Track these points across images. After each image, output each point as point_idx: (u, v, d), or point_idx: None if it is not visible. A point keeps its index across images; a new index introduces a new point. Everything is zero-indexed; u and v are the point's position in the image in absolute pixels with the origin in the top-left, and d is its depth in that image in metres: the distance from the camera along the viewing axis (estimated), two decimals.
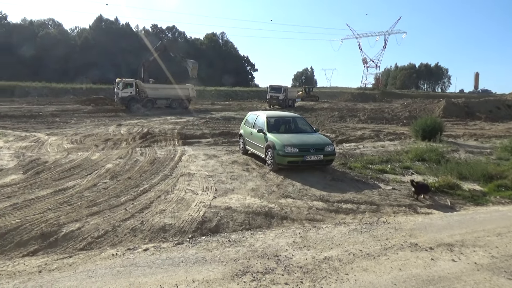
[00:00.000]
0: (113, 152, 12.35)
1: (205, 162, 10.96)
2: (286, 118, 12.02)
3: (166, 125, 21.87)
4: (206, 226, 6.28)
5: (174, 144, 15.23)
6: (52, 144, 14.15)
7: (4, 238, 5.57)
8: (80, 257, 4.97)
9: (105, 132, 18.20)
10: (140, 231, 5.99)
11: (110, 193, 7.74)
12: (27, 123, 21.38)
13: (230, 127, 21.47)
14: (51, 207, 6.77)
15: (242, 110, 35.50)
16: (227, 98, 58.00)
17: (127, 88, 32.18)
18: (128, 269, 4.49)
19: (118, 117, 26.71)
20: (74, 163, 10.23)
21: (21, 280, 4.26)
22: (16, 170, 9.48)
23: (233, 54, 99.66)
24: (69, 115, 26.69)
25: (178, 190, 8.08)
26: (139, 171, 9.63)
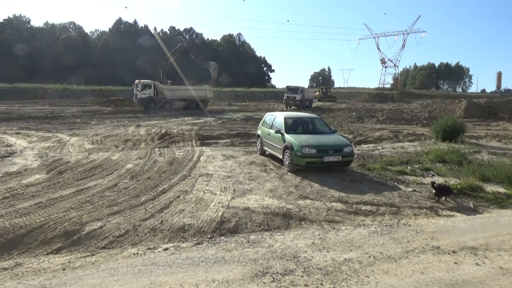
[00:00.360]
0: (132, 152, 12.54)
1: (223, 163, 11.02)
2: (304, 118, 11.97)
3: (183, 126, 22.07)
4: (225, 227, 6.31)
5: (192, 144, 15.35)
6: (73, 144, 14.45)
7: (29, 236, 5.72)
8: (103, 255, 5.07)
9: (125, 133, 18.47)
10: (160, 230, 6.06)
11: (130, 193, 7.86)
12: (49, 124, 21.90)
13: (247, 128, 21.52)
14: (74, 206, 6.92)
15: (259, 111, 35.56)
16: (244, 99, 58.19)
17: (146, 90, 32.65)
18: (149, 268, 4.54)
19: (137, 118, 27.09)
20: (95, 163, 10.43)
21: (46, 277, 4.36)
22: (40, 170, 9.73)
23: (250, 55, 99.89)
24: (89, 116, 27.22)
25: (196, 191, 8.14)
26: (158, 171, 9.75)
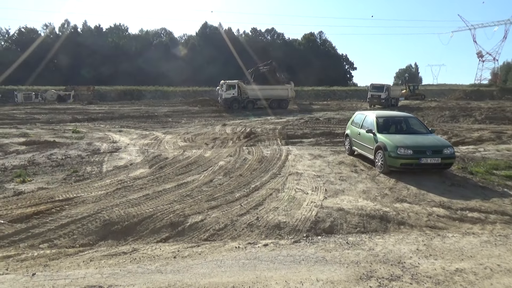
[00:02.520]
0: (222, 150, 13.06)
1: (311, 162, 10.96)
2: (397, 117, 11.39)
3: (267, 125, 22.41)
4: (320, 226, 6.27)
5: (277, 143, 15.51)
6: (168, 142, 15.52)
7: (141, 224, 6.27)
8: (207, 247, 5.35)
9: (212, 132, 19.33)
10: (256, 226, 6.22)
11: (225, 189, 8.19)
12: (145, 123, 23.82)
13: (331, 127, 21.13)
14: (176, 199, 7.42)
15: (342, 110, 34.73)
16: (325, 98, 57.30)
17: (230, 90, 33.85)
18: (252, 262, 4.69)
19: (222, 117, 28.20)
20: (190, 160, 11.08)
21: (161, 263, 4.73)
22: (143, 164, 10.62)
23: (331, 53, 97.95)
24: (179, 115, 29.02)
25: (288, 189, 8.21)
26: (249, 169, 10.03)
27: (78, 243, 5.73)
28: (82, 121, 24.31)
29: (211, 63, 69.99)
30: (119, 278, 4.28)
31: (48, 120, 24.46)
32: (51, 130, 19.48)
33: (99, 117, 26.83)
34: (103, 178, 9.16)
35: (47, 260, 4.97)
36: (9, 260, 4.99)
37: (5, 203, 7.16)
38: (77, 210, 6.76)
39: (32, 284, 4.17)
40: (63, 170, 10.03)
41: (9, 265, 4.85)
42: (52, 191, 7.99)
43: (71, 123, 22.93)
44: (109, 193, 7.81)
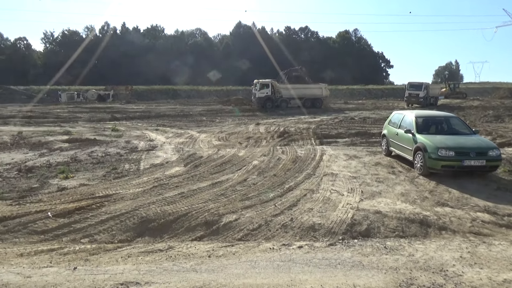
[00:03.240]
0: (256, 149, 13.07)
1: (346, 163, 10.74)
2: (437, 117, 10.95)
3: (300, 124, 22.21)
4: (356, 229, 6.11)
5: (311, 143, 15.32)
6: (203, 140, 15.71)
7: (176, 222, 6.36)
8: (241, 247, 5.34)
9: (246, 131, 19.39)
10: (290, 227, 6.15)
11: (259, 189, 8.17)
12: (180, 122, 24.27)
13: (366, 127, 20.64)
14: (211, 198, 7.48)
15: (377, 109, 33.88)
16: (360, 97, 56.11)
17: (264, 89, 33.84)
18: (287, 265, 4.63)
19: (256, 117, 28.24)
20: (225, 159, 11.15)
21: (195, 262, 4.77)
22: (178, 162, 10.80)
23: (367, 51, 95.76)
24: (213, 114, 29.35)
25: (323, 190, 8.08)
26: (283, 168, 9.96)
27: (116, 239, 5.90)
28: (121, 120, 25.12)
29: (245, 63, 70.36)
30: (155, 275, 4.35)
31: (89, 118, 25.45)
32: (92, 128, 20.26)
33: (137, 115, 27.61)
34: (140, 175, 9.40)
35: (87, 255, 5.14)
36: (53, 253, 5.20)
37: (49, 198, 7.50)
38: (116, 206, 6.96)
39: (74, 278, 4.31)
40: (103, 167, 10.38)
41: (53, 258, 5.05)
42: (93, 188, 8.28)
43: (111, 122, 23.75)
44: (146, 190, 8.00)
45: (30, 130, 18.59)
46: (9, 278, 4.30)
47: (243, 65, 69.06)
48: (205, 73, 68.16)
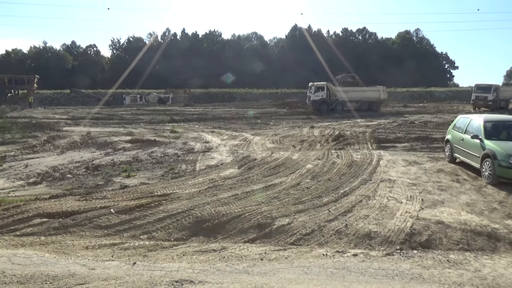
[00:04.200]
0: (310, 153, 12.91)
1: (405, 169, 10.25)
2: (509, 122, 10.10)
3: (356, 128, 21.61)
4: (416, 239, 5.79)
5: (368, 147, 14.82)
6: (257, 143, 15.83)
7: (229, 223, 6.45)
8: (293, 251, 5.29)
9: (300, 134, 19.23)
10: (345, 234, 5.98)
11: (313, 193, 8.05)
12: (235, 124, 24.67)
13: (428, 132, 19.56)
14: (264, 200, 7.50)
15: (440, 112, 32.00)
16: (421, 99, 53.40)
17: (319, 92, 33.40)
18: (341, 272, 4.50)
19: (310, 120, 27.93)
20: (278, 162, 11.14)
21: (248, 264, 4.80)
22: (233, 164, 10.97)
23: (429, 51, 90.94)
24: (268, 117, 29.49)
25: (379, 197, 7.77)
26: (337, 173, 9.74)
27: (173, 237, 6.11)
28: (179, 122, 26.09)
29: (300, 65, 69.98)
30: (208, 275, 4.43)
31: (150, 120, 26.74)
32: (152, 129, 21.26)
33: (194, 118, 28.53)
34: (196, 176, 9.68)
35: (145, 251, 5.38)
36: (115, 248, 5.50)
37: (113, 195, 7.96)
38: (172, 205, 7.22)
39: (133, 272, 4.52)
40: (161, 167, 10.84)
41: (114, 252, 5.34)
42: (152, 187, 8.66)
43: (169, 124, 24.76)
44: (201, 191, 8.21)
45: (97, 131, 19.94)
46: (76, 269, 4.61)
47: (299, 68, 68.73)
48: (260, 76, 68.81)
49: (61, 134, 18.52)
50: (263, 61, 76.53)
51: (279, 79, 66.95)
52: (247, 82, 63.47)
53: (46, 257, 5.06)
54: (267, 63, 76.64)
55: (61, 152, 13.80)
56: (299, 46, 78.03)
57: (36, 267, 4.67)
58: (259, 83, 62.92)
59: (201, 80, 64.89)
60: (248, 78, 67.97)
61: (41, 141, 16.19)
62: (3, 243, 5.70)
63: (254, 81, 64.35)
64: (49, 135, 17.81)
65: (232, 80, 66.70)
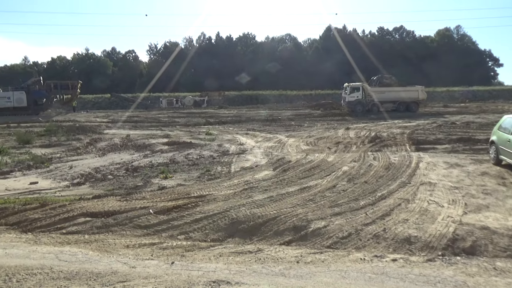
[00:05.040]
0: (346, 155, 12.70)
1: (447, 171, 9.86)
2: None
3: (394, 129, 21.04)
4: (459, 245, 5.55)
5: (406, 149, 14.38)
6: (291, 145, 15.77)
7: (265, 225, 6.46)
8: (330, 255, 5.22)
9: (335, 135, 18.97)
10: (383, 238, 5.83)
11: (349, 196, 7.91)
12: (269, 126, 24.72)
13: (470, 133, 18.71)
14: (299, 203, 7.46)
15: (483, 112, 30.53)
16: (463, 99, 51.19)
17: (354, 93, 32.85)
18: (380, 278, 4.39)
19: (345, 121, 27.51)
20: (313, 164, 11.04)
21: (284, 266, 4.78)
22: (267, 166, 10.99)
23: (471, 49, 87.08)
24: (302, 119, 29.33)
25: (419, 200, 7.51)
26: (374, 175, 9.52)
27: (209, 237, 6.20)
28: (214, 124, 26.49)
29: (334, 66, 69.10)
30: (245, 276, 4.46)
31: (186, 123, 27.34)
32: (188, 132, 21.72)
33: (228, 120, 28.86)
34: (231, 178, 9.78)
35: (183, 251, 5.49)
36: (154, 247, 5.66)
37: (151, 196, 8.20)
38: (209, 206, 7.33)
39: (171, 272, 4.63)
40: (197, 169, 11.04)
41: (154, 251, 5.49)
42: (189, 188, 8.84)
43: (205, 126, 25.20)
44: (237, 192, 8.28)
45: (136, 133, 20.63)
46: (118, 266, 4.78)
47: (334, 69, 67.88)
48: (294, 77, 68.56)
49: (102, 137, 19.31)
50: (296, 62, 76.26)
51: (313, 80, 66.38)
52: (281, 84, 63.42)
53: (90, 254, 5.29)
54: (301, 64, 76.28)
55: (102, 154, 14.38)
56: (333, 46, 76.99)
57: (81, 264, 4.89)
58: (293, 85, 62.70)
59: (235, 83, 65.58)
60: (282, 80, 67.92)
61: (84, 143, 16.95)
62: (51, 240, 6.01)
63: (288, 83, 64.19)
64: (91, 138, 18.62)
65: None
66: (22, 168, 11.68)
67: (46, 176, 10.79)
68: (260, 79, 69.38)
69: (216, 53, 79.39)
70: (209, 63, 75.50)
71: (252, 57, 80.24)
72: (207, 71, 73.57)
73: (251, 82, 66.52)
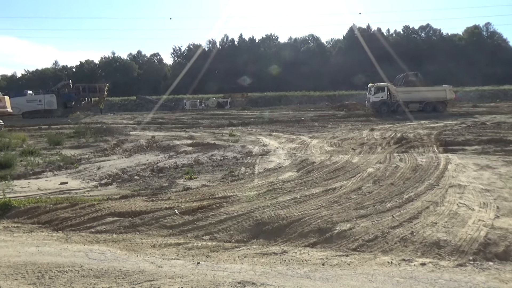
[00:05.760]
0: (371, 156, 12.50)
1: (477, 174, 9.55)
2: None
3: (420, 130, 20.57)
4: (491, 250, 5.35)
5: (433, 150, 14.01)
6: (315, 146, 15.66)
7: (289, 227, 6.43)
8: (356, 257, 5.14)
9: (359, 136, 18.72)
10: (410, 242, 5.69)
11: (375, 198, 7.77)
12: (293, 127, 24.65)
13: (502, 133, 18.05)
14: (324, 204, 7.38)
15: None
16: (493, 99, 49.51)
17: (379, 93, 32.38)
18: (408, 282, 4.29)
19: (370, 122, 27.10)
20: (338, 165, 10.92)
21: (309, 269, 4.75)
22: (291, 168, 10.95)
23: (502, 46, 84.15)
24: (325, 120, 29.09)
25: (448, 203, 7.30)
26: (401, 177, 9.32)
27: (234, 238, 6.22)
28: (237, 125, 26.63)
29: (358, 66, 68.22)
30: (270, 278, 4.45)
31: (209, 124, 27.60)
32: (211, 133, 21.91)
33: (251, 121, 28.95)
34: (255, 179, 9.79)
35: (208, 251, 5.53)
36: (179, 247, 5.73)
37: (176, 197, 8.31)
38: (233, 207, 7.36)
39: (197, 272, 4.67)
40: (221, 170, 11.12)
41: (179, 251, 5.56)
42: (213, 189, 8.91)
43: (228, 127, 25.36)
44: (261, 194, 8.28)
45: (160, 135, 20.98)
46: (145, 266, 4.87)
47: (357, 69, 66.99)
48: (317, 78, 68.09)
49: (128, 138, 19.73)
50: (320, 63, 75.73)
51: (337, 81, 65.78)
52: (304, 85, 63.13)
53: (118, 253, 5.41)
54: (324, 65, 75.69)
55: (128, 155, 14.70)
56: (357, 46, 76.05)
57: (109, 262, 5.01)
58: (316, 86, 62.32)
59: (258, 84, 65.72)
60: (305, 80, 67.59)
61: (111, 144, 17.37)
62: (81, 239, 6.18)
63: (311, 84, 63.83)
64: (118, 139, 19.06)
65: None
66: (53, 169, 12.07)
67: (75, 177, 11.12)
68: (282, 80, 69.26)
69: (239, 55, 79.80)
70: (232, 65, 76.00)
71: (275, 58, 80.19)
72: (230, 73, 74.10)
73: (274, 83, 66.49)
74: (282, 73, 72.93)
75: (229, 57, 78.72)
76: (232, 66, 76.15)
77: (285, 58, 79.28)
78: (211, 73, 76.49)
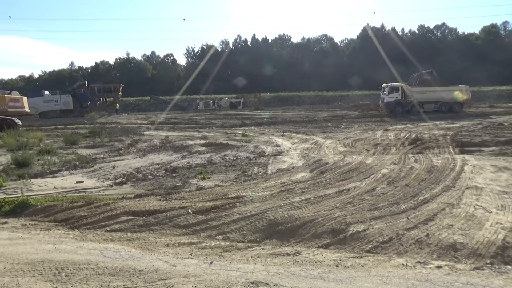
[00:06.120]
0: (385, 157, 12.37)
1: (494, 175, 9.36)
2: None
3: (436, 131, 20.28)
4: (509, 254, 5.24)
5: (449, 151, 13.79)
6: (328, 146, 15.57)
7: (302, 228, 6.40)
8: (370, 259, 5.09)
9: (373, 137, 18.54)
10: (426, 244, 5.61)
11: (389, 199, 7.69)
12: (305, 128, 24.55)
13: None
14: (337, 205, 7.33)
15: None
16: (511, 99, 48.48)
17: (393, 93, 32.04)
18: (424, 285, 4.22)
19: (384, 122, 26.82)
20: (351, 166, 10.84)
21: (323, 270, 4.72)
22: (304, 168, 10.91)
23: None
24: (338, 120, 28.91)
25: (465, 205, 7.17)
26: (416, 179, 9.20)
27: (247, 238, 6.23)
28: (250, 126, 26.66)
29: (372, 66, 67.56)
30: (283, 278, 4.44)
31: (222, 124, 27.69)
32: (224, 133, 21.98)
33: (264, 121, 28.95)
34: (268, 179, 9.78)
35: (221, 251, 5.55)
36: (193, 247, 5.76)
37: (190, 196, 8.36)
38: (246, 208, 7.37)
39: (210, 271, 4.69)
40: (234, 170, 11.14)
41: (193, 251, 5.59)
42: (226, 189, 8.93)
43: (241, 127, 25.40)
44: (274, 194, 8.27)
45: (174, 135, 21.14)
46: (159, 264, 4.91)
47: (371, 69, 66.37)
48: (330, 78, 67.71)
49: (142, 138, 19.94)
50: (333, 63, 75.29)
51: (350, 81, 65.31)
52: (317, 85, 62.87)
53: (132, 252, 5.46)
54: (337, 65, 75.23)
55: (142, 155, 14.85)
56: (371, 46, 75.37)
57: (124, 261, 5.06)
58: (329, 86, 61.99)
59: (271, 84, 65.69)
60: (318, 81, 67.31)
61: (126, 144, 17.58)
62: (96, 237, 6.27)
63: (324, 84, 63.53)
64: (132, 139, 19.28)
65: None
66: (69, 168, 12.27)
67: (90, 176, 11.29)
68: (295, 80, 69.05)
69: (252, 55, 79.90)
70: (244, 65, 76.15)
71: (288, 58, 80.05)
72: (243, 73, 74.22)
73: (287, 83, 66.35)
74: (294, 73, 72.72)
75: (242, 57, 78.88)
76: (245, 66, 76.27)
77: (298, 59, 79.08)
78: (224, 74, 76.77)
